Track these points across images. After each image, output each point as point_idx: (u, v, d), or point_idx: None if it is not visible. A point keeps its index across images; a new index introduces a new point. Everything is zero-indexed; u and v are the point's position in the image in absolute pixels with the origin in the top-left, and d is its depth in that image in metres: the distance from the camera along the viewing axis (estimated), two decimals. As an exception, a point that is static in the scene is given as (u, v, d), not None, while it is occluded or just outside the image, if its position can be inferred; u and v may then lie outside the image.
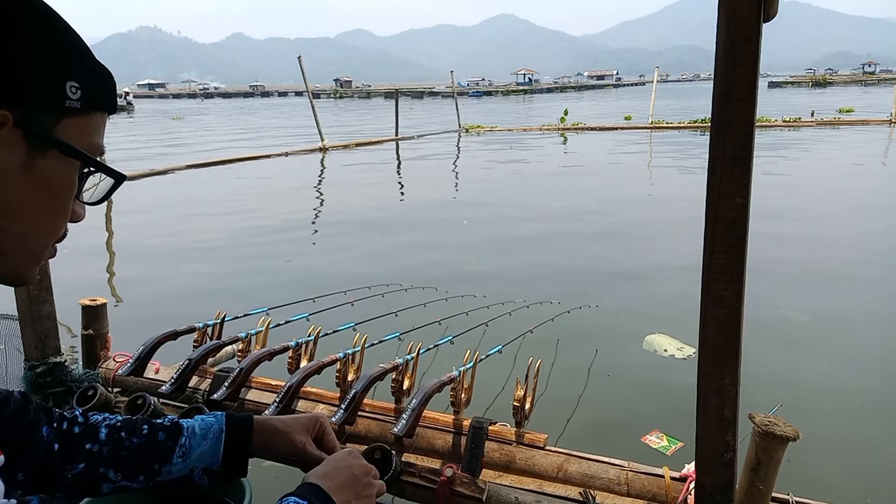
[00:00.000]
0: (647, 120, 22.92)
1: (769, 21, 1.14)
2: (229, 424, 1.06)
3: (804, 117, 22.32)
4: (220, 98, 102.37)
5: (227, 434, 1.04)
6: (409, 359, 2.22)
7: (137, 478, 1.01)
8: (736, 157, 1.16)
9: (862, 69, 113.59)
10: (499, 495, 1.73)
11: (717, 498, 1.36)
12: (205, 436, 1.04)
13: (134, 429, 1.02)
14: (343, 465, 0.97)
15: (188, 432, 1.04)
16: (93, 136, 0.70)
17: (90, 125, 0.69)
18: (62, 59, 0.65)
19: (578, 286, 5.52)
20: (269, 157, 16.40)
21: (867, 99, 37.38)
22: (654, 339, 4.18)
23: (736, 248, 1.20)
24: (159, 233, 8.19)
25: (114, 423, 1.02)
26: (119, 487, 1.00)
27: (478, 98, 71.36)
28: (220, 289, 5.79)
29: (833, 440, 3.10)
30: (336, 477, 0.93)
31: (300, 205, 10.18)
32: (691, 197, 9.30)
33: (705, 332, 1.26)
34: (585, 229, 7.94)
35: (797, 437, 1.38)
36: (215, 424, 1.05)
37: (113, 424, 1.02)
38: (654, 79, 26.22)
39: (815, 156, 14.56)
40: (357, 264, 6.44)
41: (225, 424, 1.05)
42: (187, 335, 2.47)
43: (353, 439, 2.09)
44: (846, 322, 4.69)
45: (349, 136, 22.16)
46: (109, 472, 0.99)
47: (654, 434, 2.21)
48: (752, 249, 1.21)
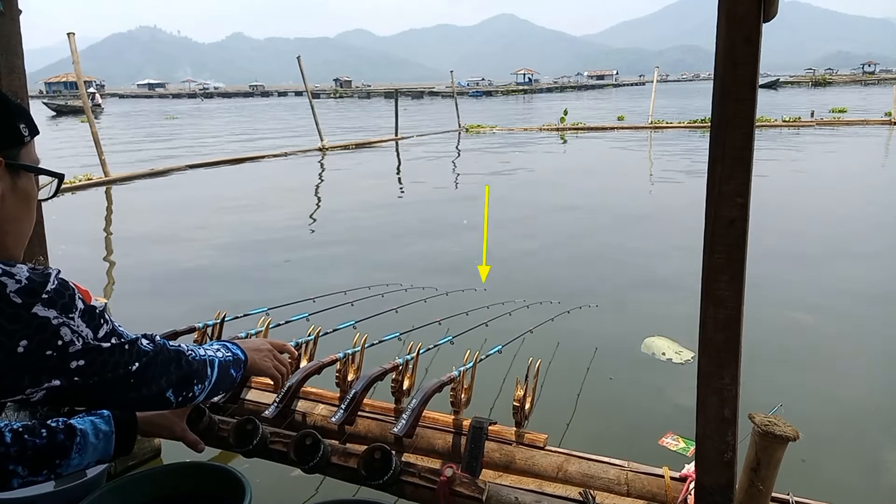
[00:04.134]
0: (646, 120, 22.92)
1: (769, 21, 1.14)
2: (118, 426, 1.35)
3: (804, 117, 22.33)
4: (220, 98, 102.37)
5: (116, 435, 1.35)
6: (409, 359, 2.22)
7: (41, 472, 1.23)
8: (736, 157, 1.16)
9: (862, 69, 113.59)
10: (499, 495, 1.73)
11: (717, 498, 1.36)
12: (97, 435, 1.31)
13: (34, 432, 1.25)
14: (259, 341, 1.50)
15: (81, 433, 1.30)
16: (35, 153, 1.06)
17: (33, 147, 1.05)
18: (13, 113, 1.01)
19: (578, 286, 5.52)
20: (268, 157, 16.40)
21: (866, 99, 37.39)
22: (653, 341, 4.17)
23: (736, 248, 1.20)
24: (159, 233, 8.19)
25: (16, 428, 1.23)
26: (27, 482, 1.21)
27: (478, 98, 71.36)
28: (219, 289, 5.79)
29: (833, 440, 3.10)
30: (251, 343, 1.47)
31: (300, 205, 10.18)
32: (691, 197, 9.31)
33: (705, 332, 1.26)
34: (585, 229, 7.94)
35: (797, 437, 1.38)
36: (104, 426, 1.35)
37: (15, 429, 1.23)
38: (653, 79, 26.23)
39: (817, 155, 14.56)
40: (357, 264, 6.44)
41: (114, 427, 1.35)
42: (187, 335, 2.47)
43: (353, 439, 2.09)
44: (847, 322, 4.68)
45: (349, 135, 22.17)
46: (18, 468, 1.20)
47: (669, 436, 2.21)
48: (752, 249, 1.21)
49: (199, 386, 1.20)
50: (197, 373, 1.19)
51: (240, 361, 1.36)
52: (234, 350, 1.37)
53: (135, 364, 1.05)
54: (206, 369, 1.22)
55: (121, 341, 1.03)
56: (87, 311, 0.98)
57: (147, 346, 1.09)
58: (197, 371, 1.19)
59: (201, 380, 1.21)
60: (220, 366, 1.27)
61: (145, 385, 1.09)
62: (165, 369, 1.13)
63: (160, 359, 1.11)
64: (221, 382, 1.28)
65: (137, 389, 1.08)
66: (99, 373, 0.99)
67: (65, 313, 0.94)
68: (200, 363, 1.21)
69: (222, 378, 1.28)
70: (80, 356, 0.96)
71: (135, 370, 1.05)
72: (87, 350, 0.96)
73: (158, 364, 1.11)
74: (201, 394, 1.22)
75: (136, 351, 1.06)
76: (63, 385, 0.95)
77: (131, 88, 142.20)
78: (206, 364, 1.22)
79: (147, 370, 1.08)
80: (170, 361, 1.14)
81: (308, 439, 1.88)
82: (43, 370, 0.92)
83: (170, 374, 1.13)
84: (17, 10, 2.25)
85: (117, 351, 1.01)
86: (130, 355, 1.04)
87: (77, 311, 0.96)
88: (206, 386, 1.23)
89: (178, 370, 1.15)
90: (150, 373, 1.09)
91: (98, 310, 1.00)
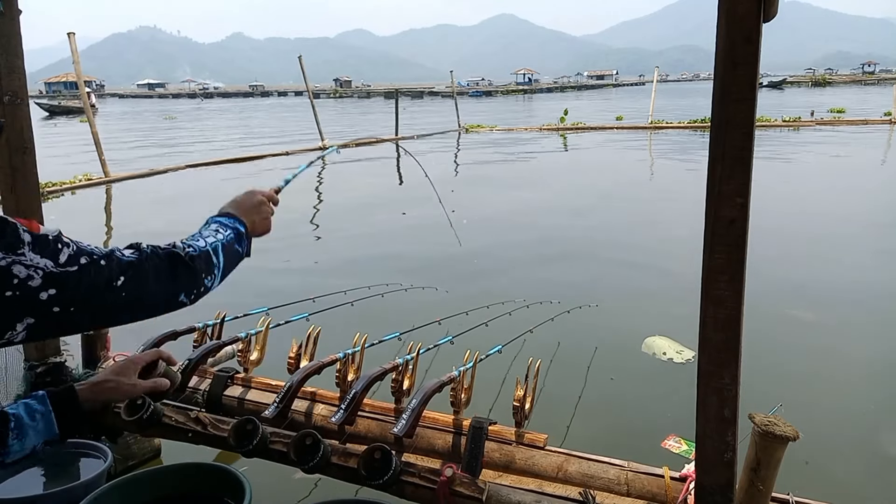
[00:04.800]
0: (646, 120, 22.92)
1: (769, 21, 1.14)
2: (54, 402, 1.24)
3: (804, 117, 22.34)
4: (220, 98, 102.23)
5: (56, 412, 1.22)
6: (409, 359, 2.22)
7: None
8: (736, 157, 1.16)
9: (861, 69, 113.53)
10: (499, 495, 1.73)
11: (717, 498, 1.36)
12: (32, 418, 1.20)
13: None
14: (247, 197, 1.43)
15: (14, 418, 1.20)
16: None
17: None
18: None
19: (578, 286, 5.52)
20: (269, 156, 16.39)
21: (866, 101, 37.38)
22: (654, 341, 4.17)
23: (736, 248, 1.20)
24: (159, 233, 8.19)
25: None
26: None
27: (478, 98, 71.34)
28: (219, 288, 5.78)
29: (833, 440, 3.10)
30: (243, 205, 1.40)
31: (300, 205, 10.17)
32: (691, 197, 9.30)
33: (705, 332, 1.26)
34: (585, 229, 7.94)
35: (797, 437, 1.38)
36: (39, 406, 1.22)
37: None
38: (653, 79, 26.21)
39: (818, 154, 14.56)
40: (357, 264, 6.44)
41: (51, 404, 1.23)
42: (187, 335, 2.47)
43: (353, 439, 2.09)
44: (848, 321, 4.68)
45: (349, 135, 22.16)
46: None
47: (671, 438, 2.20)
48: (752, 248, 1.21)
49: (209, 278, 1.18)
50: (203, 266, 1.16)
51: (241, 234, 1.33)
52: (232, 224, 1.33)
53: (119, 278, 1.00)
54: (212, 258, 1.19)
55: (92, 259, 0.97)
56: (37, 241, 0.93)
57: (130, 256, 1.04)
58: (202, 265, 1.16)
59: (209, 271, 1.18)
60: (225, 248, 1.24)
61: (143, 296, 1.04)
62: (163, 275, 1.08)
63: (150, 265, 1.06)
64: (231, 263, 1.27)
65: (134, 302, 1.03)
66: (78, 297, 0.95)
67: (11, 251, 0.90)
68: (203, 255, 1.17)
69: (230, 259, 1.27)
70: (47, 287, 0.92)
71: (121, 284, 1.00)
72: (51, 279, 0.92)
73: (149, 272, 1.05)
74: (213, 283, 1.20)
75: (117, 265, 1.01)
76: (40, 320, 0.92)
77: (131, 88, 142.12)
78: (210, 254, 1.19)
79: (136, 282, 1.03)
80: (164, 265, 1.09)
81: (308, 439, 1.88)
82: (9, 312, 0.90)
83: (172, 278, 1.10)
84: (17, 10, 2.25)
85: (92, 270, 0.97)
86: (110, 270, 0.99)
87: (26, 246, 0.91)
88: (217, 274, 1.21)
89: (181, 271, 1.11)
90: (141, 283, 1.04)
91: (51, 236, 0.95)
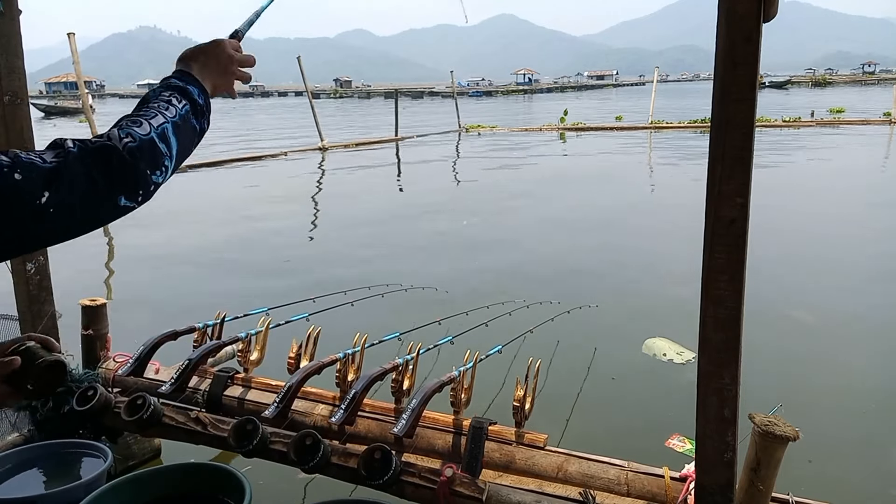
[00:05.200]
0: (647, 120, 22.92)
1: (769, 21, 1.14)
2: None
3: (804, 117, 22.35)
4: (219, 98, 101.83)
5: None
6: (409, 359, 2.22)
7: None
8: (736, 157, 1.16)
9: (862, 69, 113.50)
10: (499, 495, 1.73)
11: (717, 498, 1.36)
12: None
13: None
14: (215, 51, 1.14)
15: None
16: None
17: None
18: None
19: (578, 286, 5.52)
20: (268, 157, 16.39)
21: (867, 101, 37.38)
22: (654, 342, 4.17)
23: (736, 248, 1.20)
24: (159, 233, 8.19)
25: None
26: None
27: (478, 98, 71.35)
28: (219, 289, 5.79)
29: (833, 440, 3.10)
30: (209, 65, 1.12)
31: (299, 204, 10.18)
32: (691, 197, 9.30)
33: (705, 332, 1.26)
34: (585, 229, 7.94)
35: (797, 437, 1.38)
36: None
37: None
38: (653, 79, 26.23)
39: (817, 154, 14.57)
40: (357, 264, 6.44)
41: None
42: (187, 335, 2.47)
43: (353, 439, 2.09)
44: (848, 321, 4.68)
45: (349, 136, 22.16)
46: None
47: (675, 437, 2.21)
48: (752, 248, 1.21)
49: (157, 173, 0.96)
50: (147, 160, 0.94)
51: (197, 105, 1.07)
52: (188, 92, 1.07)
53: (42, 195, 0.81)
54: (157, 147, 0.95)
55: (2, 174, 0.79)
56: None
57: (51, 162, 0.84)
58: (145, 159, 0.93)
59: (156, 164, 0.95)
60: (176, 128, 1.00)
61: (75, 211, 0.86)
62: (97, 178, 0.88)
63: (78, 170, 0.86)
64: (186, 146, 1.04)
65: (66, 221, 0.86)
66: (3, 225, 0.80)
67: None
68: (147, 146, 0.94)
69: (185, 140, 1.03)
70: None
71: (45, 201, 0.82)
72: None
73: (79, 178, 0.86)
74: (165, 176, 0.99)
75: (38, 176, 0.82)
76: None
77: (132, 88, 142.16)
78: (155, 142, 0.95)
79: (64, 194, 0.84)
80: (97, 165, 0.88)
81: (308, 439, 1.88)
82: None
83: (108, 180, 0.89)
84: (17, 10, 2.25)
85: (6, 188, 0.79)
86: (30, 186, 0.81)
87: None
88: (168, 165, 0.99)
89: (117, 170, 0.90)
90: (72, 195, 0.85)
91: None
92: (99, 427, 2.39)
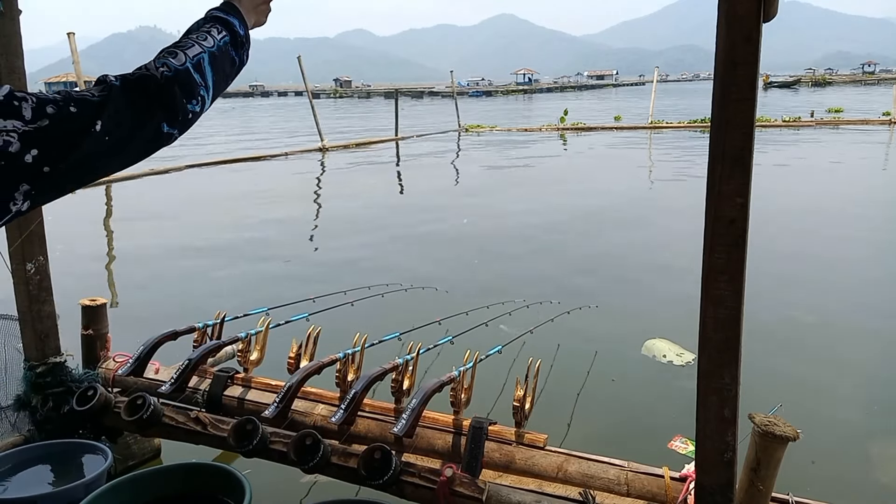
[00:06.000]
0: (646, 120, 22.93)
1: (769, 21, 1.14)
2: None
3: (804, 117, 22.36)
4: (220, 98, 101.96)
5: None
6: (408, 359, 2.22)
7: None
8: (736, 157, 1.16)
9: (862, 69, 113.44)
10: (499, 495, 1.73)
11: (717, 498, 1.36)
12: None
13: None
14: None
15: None
16: None
17: None
18: None
19: (578, 286, 5.51)
20: (268, 157, 16.39)
21: (867, 101, 37.38)
22: (654, 344, 4.17)
23: (736, 247, 1.20)
24: (159, 233, 8.19)
25: None
26: None
27: (478, 98, 71.35)
28: (219, 289, 5.79)
29: (833, 440, 3.10)
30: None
31: (300, 205, 10.18)
32: (691, 197, 9.30)
33: (705, 332, 1.26)
34: (585, 229, 7.94)
35: (797, 437, 1.38)
36: None
37: None
38: (653, 79, 26.23)
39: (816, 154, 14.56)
40: (357, 264, 6.44)
41: None
42: (187, 335, 2.47)
43: (353, 439, 2.09)
44: (848, 322, 4.68)
45: (349, 135, 22.17)
46: None
47: (678, 439, 2.21)
48: (752, 248, 1.21)
49: (193, 101, 1.00)
50: (183, 88, 0.98)
51: (238, 36, 1.10)
52: (230, 23, 1.09)
53: (96, 123, 0.89)
54: (192, 77, 1.00)
55: (59, 106, 0.86)
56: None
57: (99, 95, 0.91)
58: (181, 86, 0.98)
59: (192, 93, 0.99)
60: (213, 59, 1.04)
61: (126, 136, 0.93)
62: (140, 106, 0.94)
63: (124, 100, 0.92)
64: (223, 76, 1.07)
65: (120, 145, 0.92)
66: (62, 152, 0.86)
67: None
68: (182, 75, 0.98)
69: (222, 70, 1.06)
70: (28, 148, 0.83)
71: (100, 129, 0.89)
72: (29, 139, 0.83)
73: (125, 106, 0.92)
74: (203, 105, 1.03)
75: (90, 107, 0.89)
76: (35, 184, 0.86)
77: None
78: (190, 72, 0.99)
79: (115, 121, 0.91)
80: (138, 95, 0.94)
81: (308, 439, 1.88)
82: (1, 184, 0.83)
83: (148, 107, 0.95)
84: (17, 10, 2.25)
85: (65, 119, 0.86)
86: (84, 116, 0.88)
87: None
88: (206, 95, 1.03)
89: (155, 97, 0.96)
90: (121, 122, 0.92)
91: (2, 96, 0.84)
92: (99, 427, 2.39)
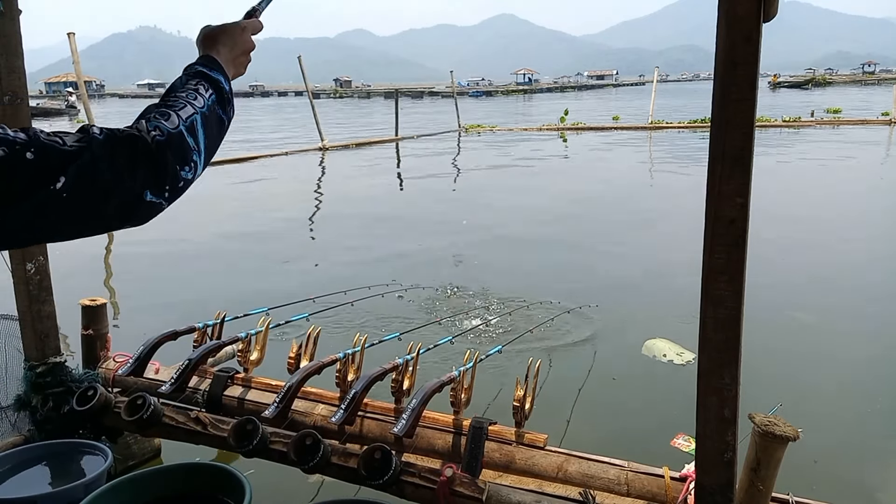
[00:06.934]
0: (646, 120, 22.93)
1: (769, 21, 1.14)
2: None
3: (804, 117, 22.36)
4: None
5: None
6: (408, 359, 2.22)
7: None
8: (736, 157, 1.16)
9: (862, 69, 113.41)
10: (499, 495, 1.73)
11: (717, 498, 1.36)
12: None
13: None
14: (236, 34, 1.09)
15: None
16: None
17: None
18: None
19: (578, 286, 5.51)
20: (268, 156, 16.39)
21: (867, 101, 37.37)
22: (654, 343, 4.17)
23: (736, 247, 1.20)
24: (158, 233, 8.18)
25: None
26: None
27: (478, 98, 71.32)
28: (219, 289, 5.79)
29: (833, 440, 3.10)
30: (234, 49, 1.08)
31: (300, 205, 10.18)
32: (691, 198, 9.30)
33: (705, 332, 1.26)
34: (585, 229, 7.94)
35: (797, 437, 1.38)
36: None
37: None
38: (653, 79, 26.22)
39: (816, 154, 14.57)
40: (357, 264, 6.44)
41: None
42: (187, 335, 2.47)
43: (353, 439, 2.09)
44: (848, 322, 4.68)
45: (350, 135, 22.16)
46: None
47: (680, 437, 2.21)
48: (752, 248, 1.21)
49: (186, 168, 0.90)
50: (175, 154, 0.88)
51: (223, 93, 1.02)
52: (216, 79, 1.02)
53: (58, 179, 0.76)
54: (186, 141, 0.90)
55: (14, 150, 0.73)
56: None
57: (73, 145, 0.79)
58: (173, 153, 0.88)
59: (185, 159, 0.90)
60: (204, 119, 0.96)
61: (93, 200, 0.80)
62: (120, 167, 0.82)
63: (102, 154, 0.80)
64: (214, 137, 0.99)
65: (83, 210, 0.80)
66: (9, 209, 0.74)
67: None
68: (175, 139, 0.89)
69: (212, 131, 0.98)
70: None
71: (62, 186, 0.76)
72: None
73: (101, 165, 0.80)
74: (195, 172, 0.93)
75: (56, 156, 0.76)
76: None
77: (132, 88, 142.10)
78: (184, 135, 0.90)
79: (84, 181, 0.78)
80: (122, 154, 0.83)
81: (308, 439, 1.88)
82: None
83: (132, 171, 0.83)
84: (17, 10, 2.25)
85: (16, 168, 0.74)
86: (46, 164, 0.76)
87: None
88: (198, 161, 0.94)
89: (142, 162, 0.85)
90: (92, 182, 0.79)
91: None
92: (99, 427, 2.39)
